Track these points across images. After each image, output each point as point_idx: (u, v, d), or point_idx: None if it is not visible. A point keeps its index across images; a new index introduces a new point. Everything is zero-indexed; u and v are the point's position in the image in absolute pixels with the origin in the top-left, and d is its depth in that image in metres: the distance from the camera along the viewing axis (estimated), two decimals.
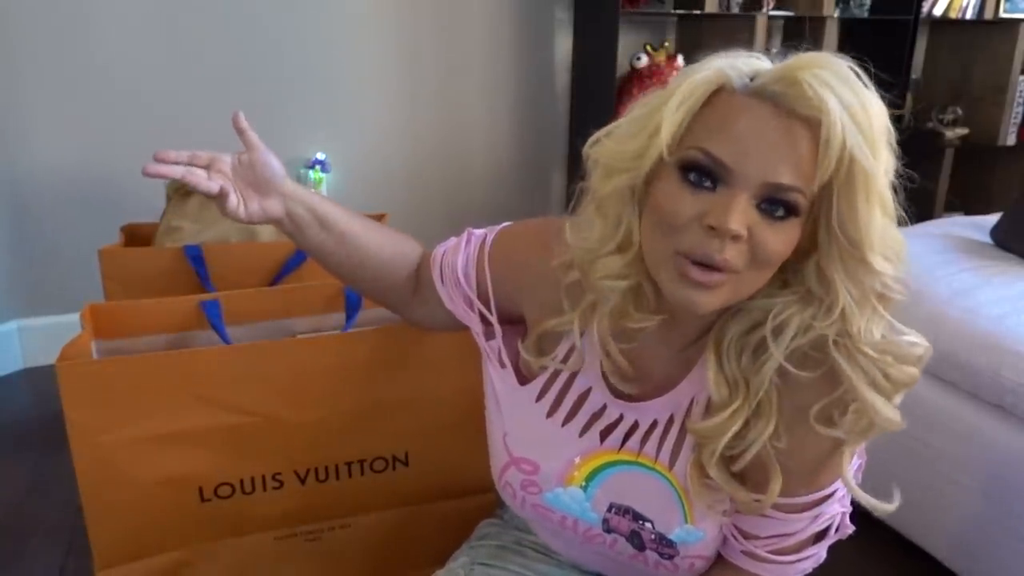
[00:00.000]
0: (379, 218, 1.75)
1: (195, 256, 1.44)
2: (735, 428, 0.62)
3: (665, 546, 0.70)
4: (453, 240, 0.82)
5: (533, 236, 0.76)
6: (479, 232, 0.80)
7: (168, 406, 0.95)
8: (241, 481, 1.01)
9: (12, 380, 2.20)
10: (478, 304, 0.77)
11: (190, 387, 0.95)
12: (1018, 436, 1.24)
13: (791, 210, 0.56)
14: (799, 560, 0.68)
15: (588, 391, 0.73)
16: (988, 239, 1.73)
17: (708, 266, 0.56)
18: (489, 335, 0.78)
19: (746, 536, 0.68)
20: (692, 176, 0.57)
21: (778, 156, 0.55)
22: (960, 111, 3.02)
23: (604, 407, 0.72)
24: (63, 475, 1.66)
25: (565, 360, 0.71)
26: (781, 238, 0.57)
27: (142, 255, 1.47)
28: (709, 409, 0.66)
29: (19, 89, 2.07)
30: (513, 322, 0.78)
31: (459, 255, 0.79)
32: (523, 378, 0.75)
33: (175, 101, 2.22)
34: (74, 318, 1.07)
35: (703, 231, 0.56)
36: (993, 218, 1.77)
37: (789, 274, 0.61)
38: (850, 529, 0.71)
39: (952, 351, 1.33)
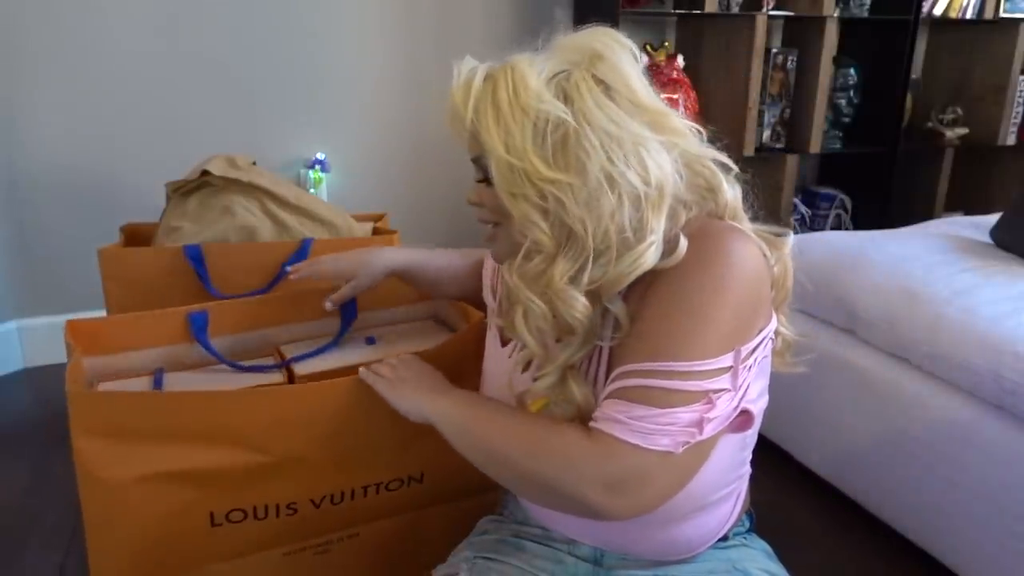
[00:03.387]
0: (379, 218, 1.75)
1: (195, 256, 1.43)
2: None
3: None
4: None
5: None
6: None
7: (183, 443, 0.91)
8: (254, 508, 0.98)
9: (12, 380, 2.20)
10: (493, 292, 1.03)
11: (207, 426, 0.91)
12: (1018, 436, 1.24)
13: (486, 174, 0.77)
14: (669, 425, 0.67)
15: None
16: (988, 239, 1.73)
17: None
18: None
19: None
20: None
21: (463, 140, 0.78)
22: (960, 111, 3.02)
23: None
24: (63, 475, 1.66)
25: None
26: (490, 196, 0.77)
27: (142, 255, 1.46)
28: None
29: (19, 89, 2.08)
30: None
31: (490, 259, 1.04)
32: (505, 341, 0.92)
33: (176, 101, 2.22)
34: (74, 318, 1.06)
35: None
36: (993, 218, 1.77)
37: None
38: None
39: (952, 351, 1.33)
